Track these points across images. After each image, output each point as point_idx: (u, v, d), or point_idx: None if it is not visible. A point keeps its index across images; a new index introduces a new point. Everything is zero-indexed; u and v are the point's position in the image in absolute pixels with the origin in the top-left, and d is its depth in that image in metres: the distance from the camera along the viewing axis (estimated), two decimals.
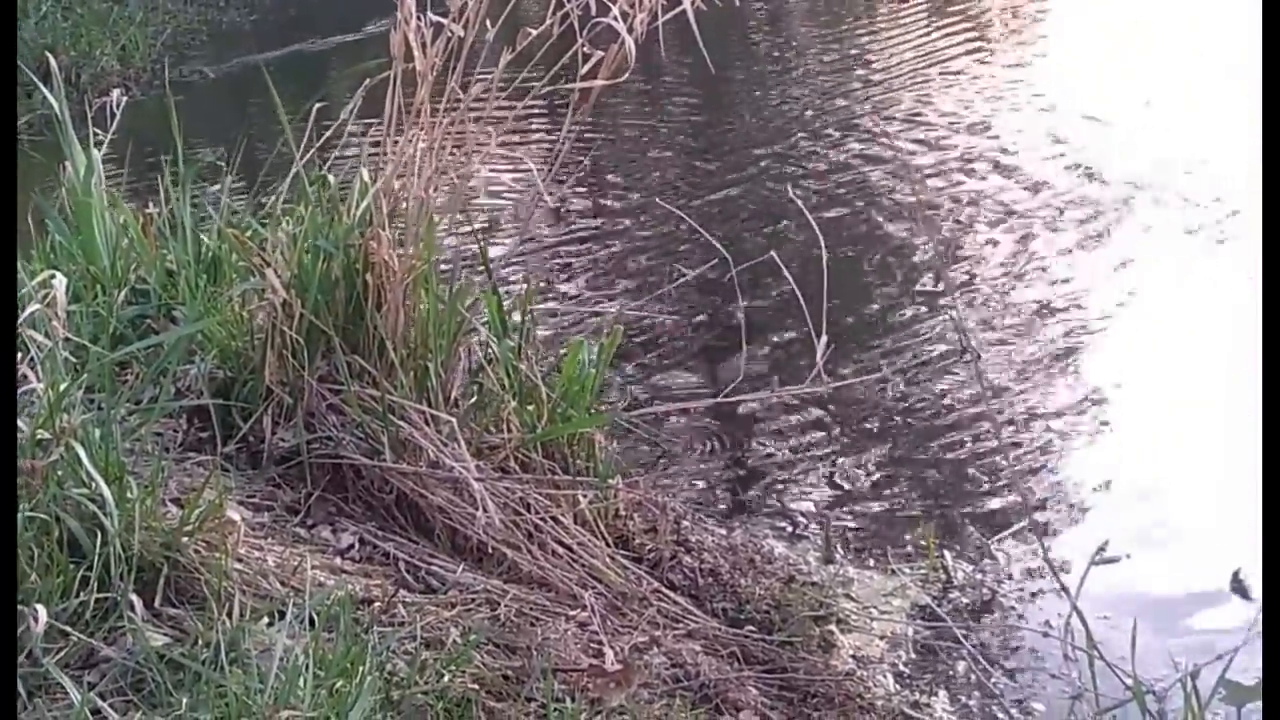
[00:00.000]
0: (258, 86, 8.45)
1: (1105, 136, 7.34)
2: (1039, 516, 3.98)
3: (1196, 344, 5.00)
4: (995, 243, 6.20)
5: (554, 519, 3.34)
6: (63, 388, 2.58)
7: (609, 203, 7.10)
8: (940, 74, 8.83)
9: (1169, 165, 6.75)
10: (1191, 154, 6.84)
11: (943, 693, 3.25)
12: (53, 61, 4.45)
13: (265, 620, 2.46)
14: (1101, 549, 3.67)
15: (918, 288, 5.77)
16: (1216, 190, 6.36)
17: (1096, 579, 2.59)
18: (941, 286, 5.62)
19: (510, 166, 5.50)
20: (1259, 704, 2.69)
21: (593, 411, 3.67)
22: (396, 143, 3.43)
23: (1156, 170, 6.76)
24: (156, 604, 2.47)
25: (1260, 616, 2.30)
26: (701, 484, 4.27)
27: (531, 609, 2.98)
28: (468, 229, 4.03)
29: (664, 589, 3.36)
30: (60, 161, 4.00)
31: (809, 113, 8.29)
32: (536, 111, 7.44)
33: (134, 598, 2.39)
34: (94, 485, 2.48)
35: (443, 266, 3.60)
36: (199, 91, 9.33)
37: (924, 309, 5.51)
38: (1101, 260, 5.95)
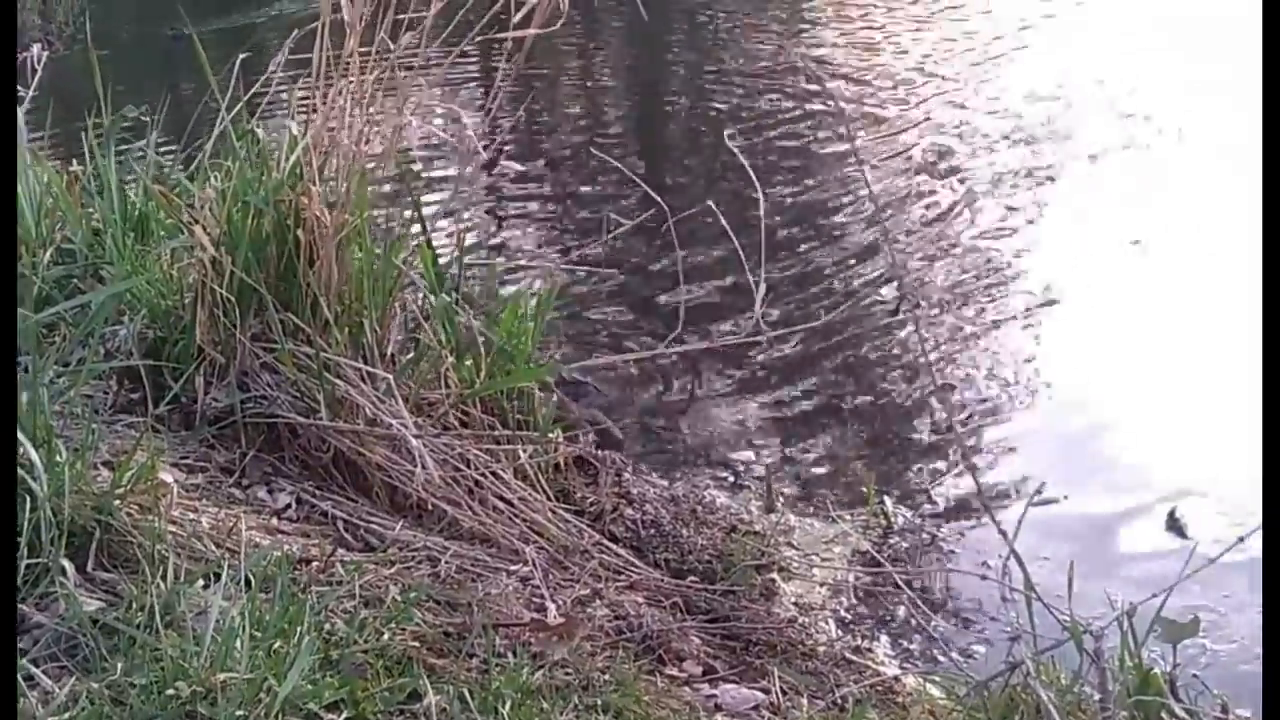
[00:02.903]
0: (184, 45, 8.31)
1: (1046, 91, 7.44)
2: (976, 461, 4.02)
3: (1133, 286, 5.05)
4: (932, 190, 6.23)
5: (494, 474, 3.32)
6: None
7: (545, 151, 7.05)
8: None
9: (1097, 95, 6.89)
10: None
11: (884, 637, 3.28)
12: None
13: (201, 582, 2.41)
14: (1038, 491, 3.70)
15: (856, 237, 5.78)
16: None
17: (1033, 521, 2.60)
18: (880, 238, 5.64)
19: (443, 117, 5.43)
20: (1192, 639, 2.74)
21: (531, 365, 3.64)
22: (326, 95, 3.37)
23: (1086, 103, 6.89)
24: (89, 569, 2.42)
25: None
26: (643, 436, 4.26)
27: (472, 565, 2.96)
28: (400, 181, 3.98)
29: (606, 541, 3.35)
30: None
31: (743, 63, 8.28)
32: (469, 61, 7.37)
33: (65, 563, 2.35)
34: (22, 450, 2.43)
35: (376, 220, 3.55)
36: (124, 48, 9.13)
37: (862, 258, 5.52)
38: (1035, 203, 6.01)
